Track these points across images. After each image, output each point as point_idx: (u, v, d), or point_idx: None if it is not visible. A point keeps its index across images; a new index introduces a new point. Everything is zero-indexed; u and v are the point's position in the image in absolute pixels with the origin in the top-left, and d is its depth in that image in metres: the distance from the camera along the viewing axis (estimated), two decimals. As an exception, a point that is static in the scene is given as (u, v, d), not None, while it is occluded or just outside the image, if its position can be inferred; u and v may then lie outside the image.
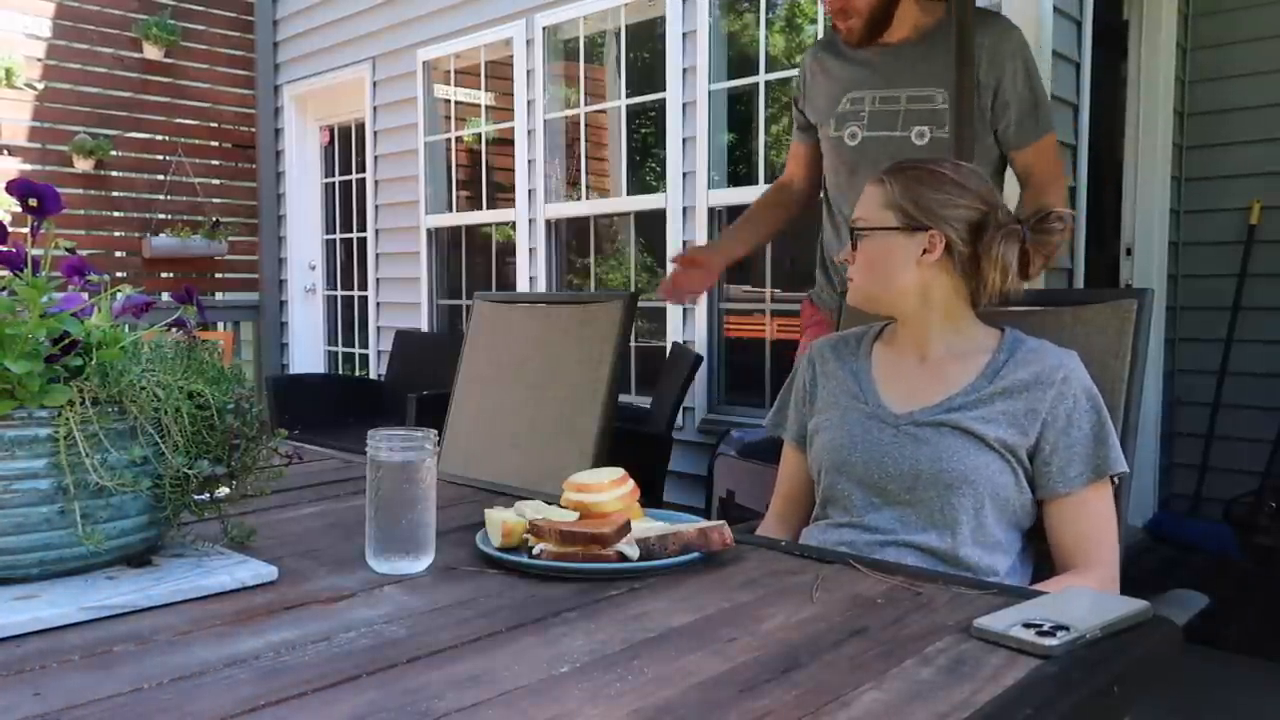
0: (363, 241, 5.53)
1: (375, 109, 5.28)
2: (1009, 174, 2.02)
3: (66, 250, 1.01)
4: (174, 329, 1.03)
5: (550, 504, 1.13)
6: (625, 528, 1.00)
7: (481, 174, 4.90)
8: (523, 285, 4.56)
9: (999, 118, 1.92)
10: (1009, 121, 1.92)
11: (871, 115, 1.99)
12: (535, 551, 1.02)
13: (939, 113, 1.94)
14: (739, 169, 4.02)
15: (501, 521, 1.05)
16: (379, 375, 5.29)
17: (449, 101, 4.99)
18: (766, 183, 3.77)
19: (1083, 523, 1.26)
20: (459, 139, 5.02)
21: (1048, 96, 1.95)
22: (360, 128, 5.50)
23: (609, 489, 1.09)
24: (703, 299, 3.83)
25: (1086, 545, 1.26)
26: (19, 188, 0.93)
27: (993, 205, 1.35)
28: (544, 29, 4.38)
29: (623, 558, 0.99)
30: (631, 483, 1.12)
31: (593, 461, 1.89)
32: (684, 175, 3.88)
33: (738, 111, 3.94)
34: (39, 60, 4.97)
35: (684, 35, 3.84)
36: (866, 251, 1.39)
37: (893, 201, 1.36)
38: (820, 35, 2.11)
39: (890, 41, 1.97)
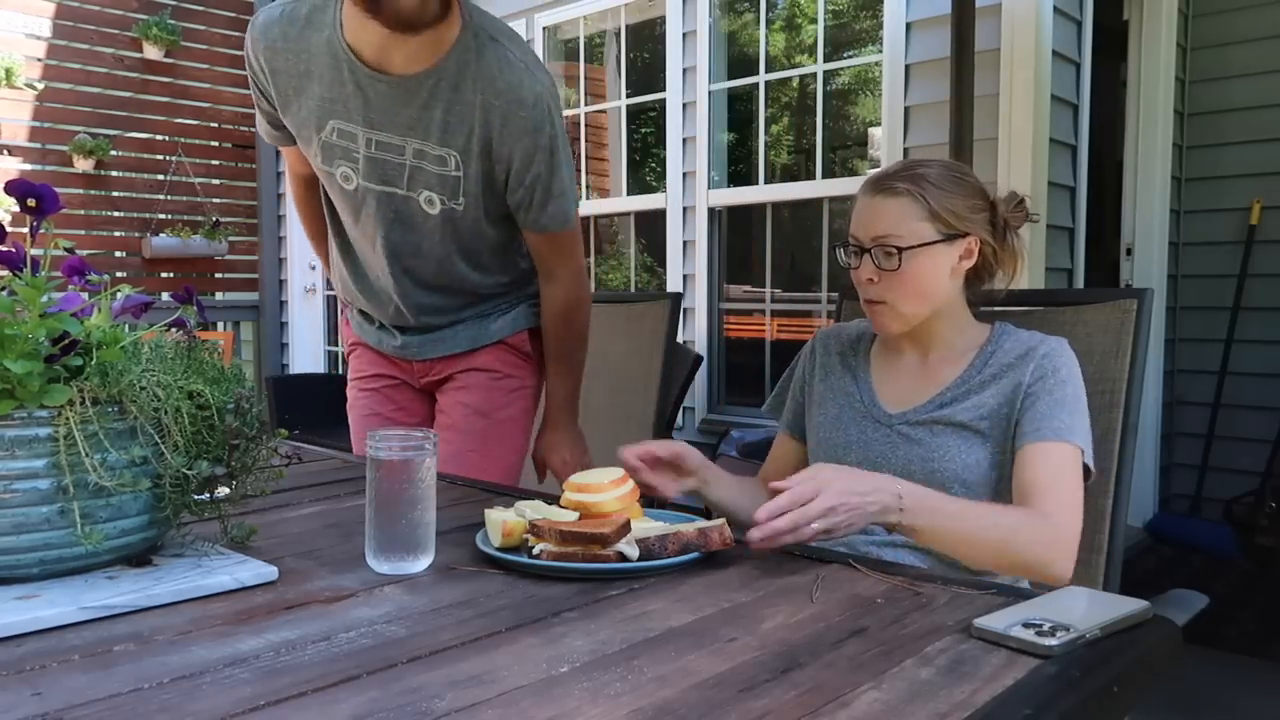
0: (363, 241, 5.52)
1: (375, 109, 5.27)
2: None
3: (66, 250, 1.01)
4: (174, 329, 1.03)
5: (550, 504, 1.13)
6: (625, 528, 1.01)
7: (481, 174, 4.89)
8: (523, 285, 4.56)
9: (511, 195, 1.57)
10: (521, 204, 1.58)
11: (368, 162, 1.54)
12: (535, 551, 1.02)
13: (451, 180, 1.53)
14: (739, 169, 4.03)
15: (501, 521, 1.05)
16: (379, 375, 5.27)
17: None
18: (766, 183, 3.78)
19: (1029, 473, 1.23)
20: (459, 139, 5.01)
21: (573, 181, 1.59)
22: (360, 128, 5.49)
23: (609, 489, 1.10)
24: (702, 299, 3.83)
25: (1030, 494, 1.21)
26: (17, 188, 0.93)
27: (993, 199, 1.36)
28: (544, 29, 4.39)
29: (623, 558, 0.99)
30: (632, 483, 1.13)
31: (651, 439, 2.01)
32: (684, 175, 3.89)
33: (738, 111, 3.94)
34: (39, 60, 4.97)
35: (684, 35, 3.85)
36: (910, 269, 1.29)
37: (931, 212, 1.29)
38: (280, 22, 1.53)
39: (393, 71, 1.46)
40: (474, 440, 1.74)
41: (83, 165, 5.08)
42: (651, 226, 4.13)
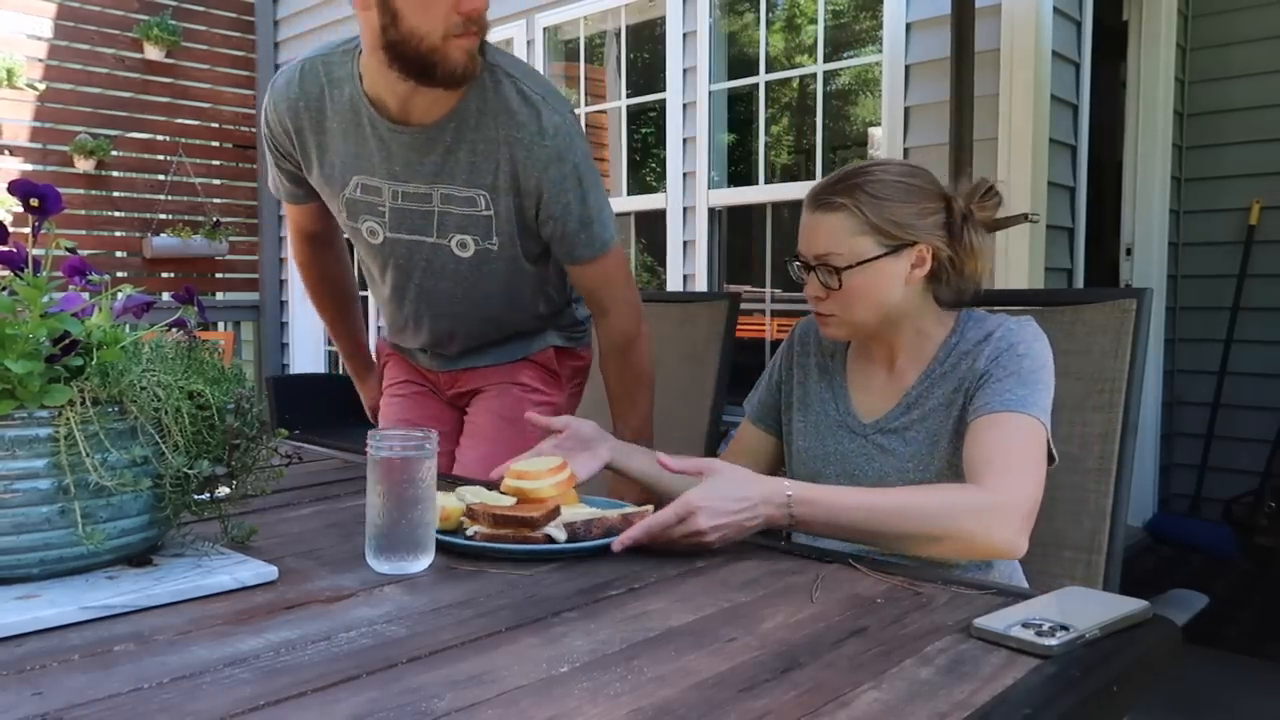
0: (363, 242, 5.51)
1: (375, 109, 5.26)
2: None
3: (67, 250, 1.01)
4: (174, 329, 1.03)
5: (491, 490, 1.17)
6: (554, 512, 1.07)
7: (482, 174, 4.89)
8: (523, 285, 4.56)
9: (544, 227, 1.55)
10: (554, 236, 1.55)
11: (394, 213, 1.54)
12: (469, 533, 1.08)
13: (483, 220, 1.52)
14: (739, 169, 4.03)
15: (441, 506, 1.10)
16: (379, 375, 5.27)
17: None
18: (766, 183, 3.78)
19: (975, 447, 1.18)
20: (459, 139, 5.01)
21: (606, 205, 1.57)
22: (360, 128, 5.48)
23: (546, 476, 1.15)
24: (703, 299, 3.83)
25: (975, 467, 1.16)
26: (21, 188, 0.93)
27: (949, 197, 1.30)
28: (544, 29, 4.38)
29: (550, 540, 1.06)
30: (569, 471, 1.18)
31: (704, 449, 1.97)
32: (684, 175, 3.89)
33: (738, 111, 3.94)
34: (40, 61, 4.97)
35: (684, 35, 3.85)
36: (852, 286, 1.26)
37: (869, 225, 1.24)
38: (300, 81, 1.53)
39: (414, 119, 1.47)
40: (502, 447, 1.69)
41: (83, 165, 5.08)
42: (651, 226, 4.13)
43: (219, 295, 5.81)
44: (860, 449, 1.33)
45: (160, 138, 5.44)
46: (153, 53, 5.30)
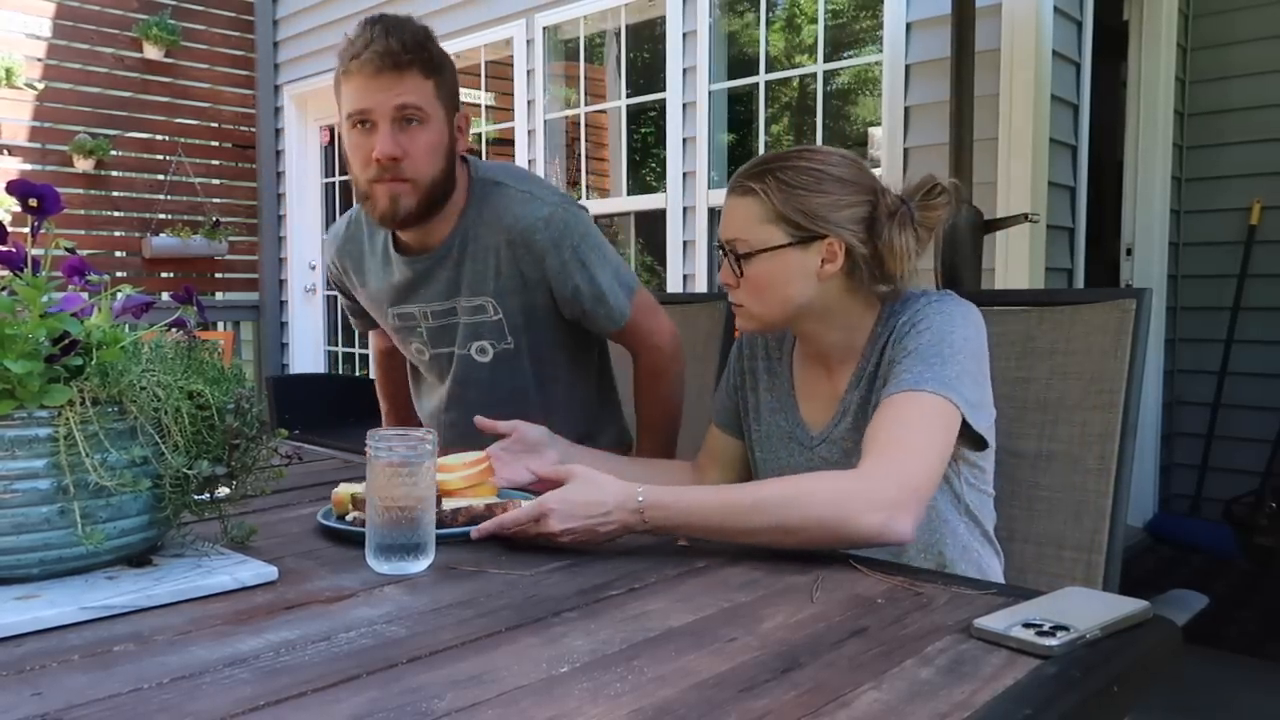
0: (363, 241, 5.51)
1: (375, 109, 5.25)
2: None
3: (66, 250, 1.01)
4: (174, 329, 1.03)
5: None
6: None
7: (481, 174, 4.88)
8: (523, 285, 4.56)
9: (563, 310, 1.63)
10: (575, 316, 1.63)
11: (430, 332, 1.68)
12: (350, 519, 1.14)
13: (494, 325, 1.62)
14: (739, 169, 4.03)
15: (335, 493, 1.21)
16: (379, 375, 5.26)
17: (449, 101, 4.97)
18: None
19: (869, 430, 1.13)
20: (459, 139, 5.00)
21: (616, 268, 1.63)
22: (360, 128, 5.47)
23: (460, 469, 1.23)
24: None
25: (870, 445, 1.11)
26: (19, 188, 0.93)
27: (876, 191, 1.23)
28: (544, 29, 4.38)
29: None
30: (486, 464, 1.26)
31: None
32: (684, 175, 3.89)
33: (738, 111, 3.94)
34: (39, 60, 4.97)
35: (684, 35, 3.85)
36: (755, 274, 1.22)
37: (776, 214, 1.20)
38: (345, 228, 1.75)
39: (430, 246, 1.59)
40: None
41: (83, 165, 5.08)
42: (652, 226, 4.13)
43: (219, 295, 5.81)
44: (809, 463, 1.29)
45: (160, 137, 5.44)
46: (152, 52, 5.30)
